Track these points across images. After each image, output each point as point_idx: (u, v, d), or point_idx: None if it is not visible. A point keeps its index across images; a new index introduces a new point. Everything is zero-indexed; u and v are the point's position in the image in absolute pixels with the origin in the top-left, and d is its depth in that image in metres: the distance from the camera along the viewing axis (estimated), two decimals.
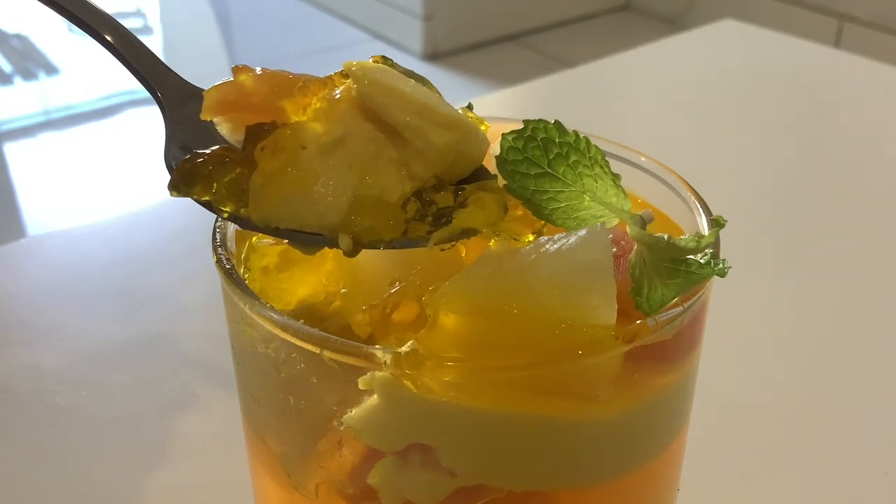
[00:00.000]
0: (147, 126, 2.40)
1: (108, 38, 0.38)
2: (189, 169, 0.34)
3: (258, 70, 0.36)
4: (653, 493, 0.41)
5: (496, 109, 1.07)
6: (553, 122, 0.36)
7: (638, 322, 0.33)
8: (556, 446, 0.34)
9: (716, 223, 0.35)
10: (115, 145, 2.41)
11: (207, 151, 0.34)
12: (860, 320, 0.71)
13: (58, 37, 3.09)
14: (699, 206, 0.41)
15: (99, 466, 0.57)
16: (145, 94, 0.39)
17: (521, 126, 0.43)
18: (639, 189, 0.46)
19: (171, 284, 0.74)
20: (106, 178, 2.25)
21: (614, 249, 0.37)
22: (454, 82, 2.89)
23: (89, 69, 2.83)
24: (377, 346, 0.32)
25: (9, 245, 0.79)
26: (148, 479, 0.56)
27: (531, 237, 0.37)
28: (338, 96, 0.35)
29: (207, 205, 0.35)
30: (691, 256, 0.35)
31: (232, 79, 0.36)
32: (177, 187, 0.34)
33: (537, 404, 0.33)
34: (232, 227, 0.39)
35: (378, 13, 3.19)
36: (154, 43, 3.31)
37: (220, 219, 0.37)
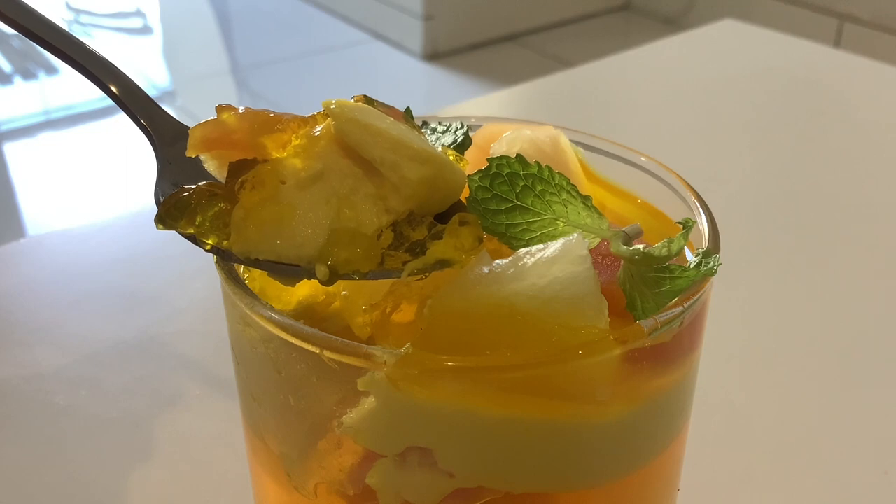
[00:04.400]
0: None
1: (105, 81, 0.40)
2: (174, 203, 0.36)
3: (241, 109, 0.37)
4: (653, 494, 0.41)
5: (496, 109, 1.07)
6: (515, 155, 0.38)
7: (636, 323, 0.33)
8: (556, 448, 0.34)
9: (684, 225, 0.35)
10: (115, 145, 2.41)
11: (192, 187, 0.36)
12: (861, 320, 0.71)
13: None
14: (699, 206, 0.41)
15: (98, 466, 0.57)
16: None
17: (514, 131, 0.43)
18: (639, 189, 0.46)
19: (170, 284, 0.74)
20: (106, 177, 2.26)
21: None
22: (454, 82, 2.89)
23: None
24: (377, 346, 0.32)
25: (9, 245, 0.79)
26: (147, 479, 0.56)
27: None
28: (317, 134, 0.36)
29: (192, 237, 0.36)
30: (673, 262, 0.35)
31: (215, 117, 0.37)
32: (162, 220, 0.36)
33: (536, 407, 0.33)
34: None
35: (378, 13, 3.19)
36: (154, 43, 3.31)
37: None
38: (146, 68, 2.98)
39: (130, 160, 2.25)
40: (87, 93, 2.65)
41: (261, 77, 2.91)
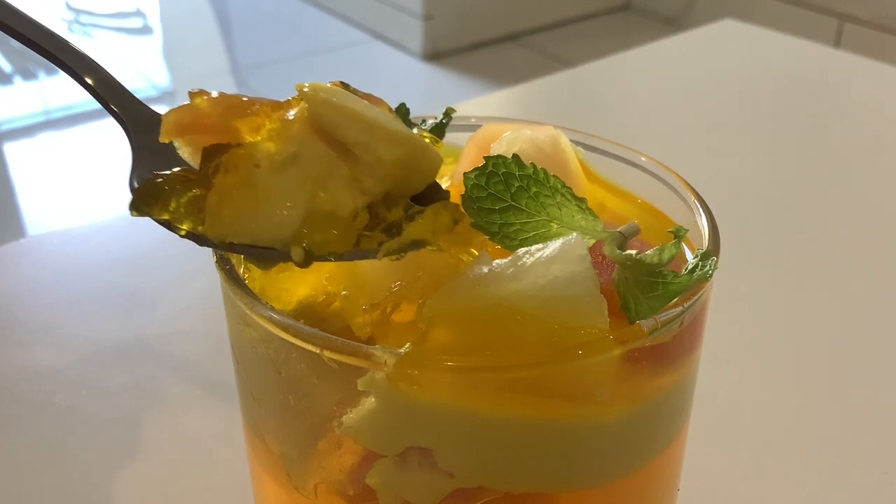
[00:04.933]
0: None
1: (79, 71, 0.40)
2: (147, 189, 0.35)
3: (214, 94, 0.37)
4: (653, 494, 0.41)
5: (496, 109, 1.07)
6: (511, 156, 0.38)
7: (637, 323, 0.33)
8: (556, 448, 0.34)
9: (676, 234, 0.35)
10: (115, 145, 2.41)
11: (166, 173, 0.36)
12: (860, 320, 0.71)
13: None
14: (699, 206, 0.41)
15: (99, 466, 0.57)
16: (145, 94, 0.40)
17: (514, 131, 0.43)
18: (639, 189, 0.46)
19: (170, 284, 0.74)
20: (106, 178, 2.26)
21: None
22: (454, 82, 2.89)
23: None
24: (377, 346, 0.32)
25: (9, 245, 0.79)
26: (148, 479, 0.56)
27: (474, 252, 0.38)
28: (291, 117, 0.36)
29: (167, 224, 0.36)
30: (673, 264, 0.35)
31: (188, 102, 0.37)
32: (136, 207, 0.36)
33: (536, 407, 0.33)
34: None
35: (378, 13, 3.19)
36: (154, 43, 3.31)
37: None
38: (146, 68, 2.98)
39: (130, 160, 2.24)
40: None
41: (261, 77, 2.91)
